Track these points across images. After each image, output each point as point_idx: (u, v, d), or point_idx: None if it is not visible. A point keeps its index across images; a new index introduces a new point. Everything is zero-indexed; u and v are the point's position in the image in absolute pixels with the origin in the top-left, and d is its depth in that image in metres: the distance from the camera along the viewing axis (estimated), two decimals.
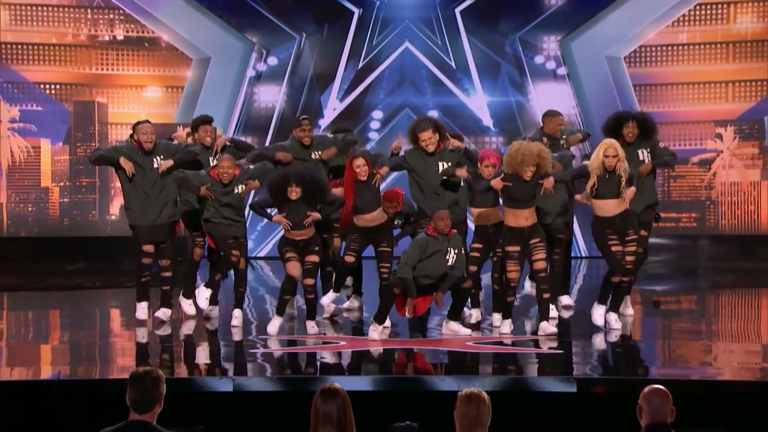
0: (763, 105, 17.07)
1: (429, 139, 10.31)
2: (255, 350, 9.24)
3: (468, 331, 9.64)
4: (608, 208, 9.61)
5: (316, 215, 9.88)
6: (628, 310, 10.41)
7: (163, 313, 10.51)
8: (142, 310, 10.55)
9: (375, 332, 9.42)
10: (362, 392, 7.44)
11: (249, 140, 15.68)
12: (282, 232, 10.09)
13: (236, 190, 10.15)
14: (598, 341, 9.55)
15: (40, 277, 15.36)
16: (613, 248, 9.64)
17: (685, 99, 17.41)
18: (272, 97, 17.78)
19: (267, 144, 16.44)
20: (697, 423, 6.84)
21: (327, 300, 10.46)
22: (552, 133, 11.07)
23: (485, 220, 10.05)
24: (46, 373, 8.81)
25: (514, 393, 7.52)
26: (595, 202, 9.65)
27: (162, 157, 10.46)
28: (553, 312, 9.94)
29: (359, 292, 11.17)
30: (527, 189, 9.50)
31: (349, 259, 10.33)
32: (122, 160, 10.37)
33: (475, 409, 5.12)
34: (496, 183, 9.52)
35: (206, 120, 11.01)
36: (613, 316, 9.77)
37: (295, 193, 9.75)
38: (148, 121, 10.73)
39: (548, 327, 9.50)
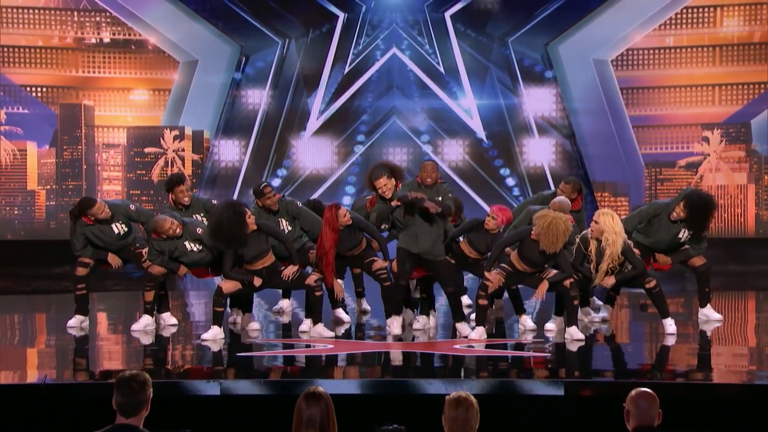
0: (749, 108, 17.12)
1: (385, 185, 10.17)
2: (242, 354, 9.23)
3: (469, 331, 9.65)
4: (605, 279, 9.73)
5: (293, 268, 9.80)
6: (713, 315, 10.66)
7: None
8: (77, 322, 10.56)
9: (397, 325, 9.64)
10: (350, 395, 7.43)
11: (234, 143, 15.72)
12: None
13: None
14: (586, 345, 9.54)
15: (27, 281, 15.30)
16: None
17: (671, 102, 17.44)
18: (257, 100, 17.76)
19: (250, 145, 16.40)
20: (685, 426, 6.84)
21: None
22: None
23: (469, 253, 10.17)
24: (33, 377, 8.77)
25: (501, 396, 7.51)
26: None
27: (121, 221, 10.40)
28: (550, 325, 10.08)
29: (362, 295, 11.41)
30: (541, 257, 9.48)
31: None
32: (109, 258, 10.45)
33: (465, 414, 5.10)
34: (495, 279, 9.56)
35: (180, 180, 10.85)
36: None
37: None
38: (95, 200, 10.48)
39: (576, 332, 9.47)
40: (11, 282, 15.25)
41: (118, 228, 10.40)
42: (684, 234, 10.41)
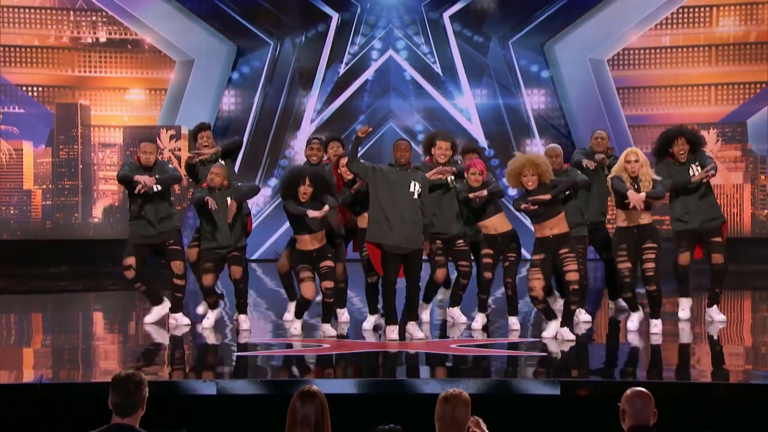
0: (745, 108, 17.13)
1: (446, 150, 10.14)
2: (239, 353, 9.23)
3: (420, 333, 9.58)
4: (631, 217, 9.67)
5: (326, 208, 9.73)
6: (717, 316, 10.57)
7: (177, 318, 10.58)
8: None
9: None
10: (346, 395, 7.43)
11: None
12: (296, 245, 9.87)
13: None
14: (582, 344, 9.55)
15: (23, 281, 15.29)
16: (621, 265, 9.70)
17: (667, 102, 17.45)
18: (250, 100, 17.75)
19: (244, 145, 16.44)
20: (681, 425, 6.85)
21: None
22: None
23: (492, 230, 10.06)
24: (29, 376, 8.77)
25: (498, 396, 7.52)
26: (618, 211, 9.73)
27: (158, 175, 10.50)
28: (585, 316, 10.29)
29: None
30: (545, 201, 9.36)
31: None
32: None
33: (452, 410, 5.09)
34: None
35: (204, 127, 11.01)
36: (653, 322, 9.85)
37: (305, 194, 9.67)
38: (152, 142, 10.79)
39: (567, 333, 9.45)
40: (7, 282, 15.24)
41: (152, 174, 10.47)
42: (693, 170, 10.40)
